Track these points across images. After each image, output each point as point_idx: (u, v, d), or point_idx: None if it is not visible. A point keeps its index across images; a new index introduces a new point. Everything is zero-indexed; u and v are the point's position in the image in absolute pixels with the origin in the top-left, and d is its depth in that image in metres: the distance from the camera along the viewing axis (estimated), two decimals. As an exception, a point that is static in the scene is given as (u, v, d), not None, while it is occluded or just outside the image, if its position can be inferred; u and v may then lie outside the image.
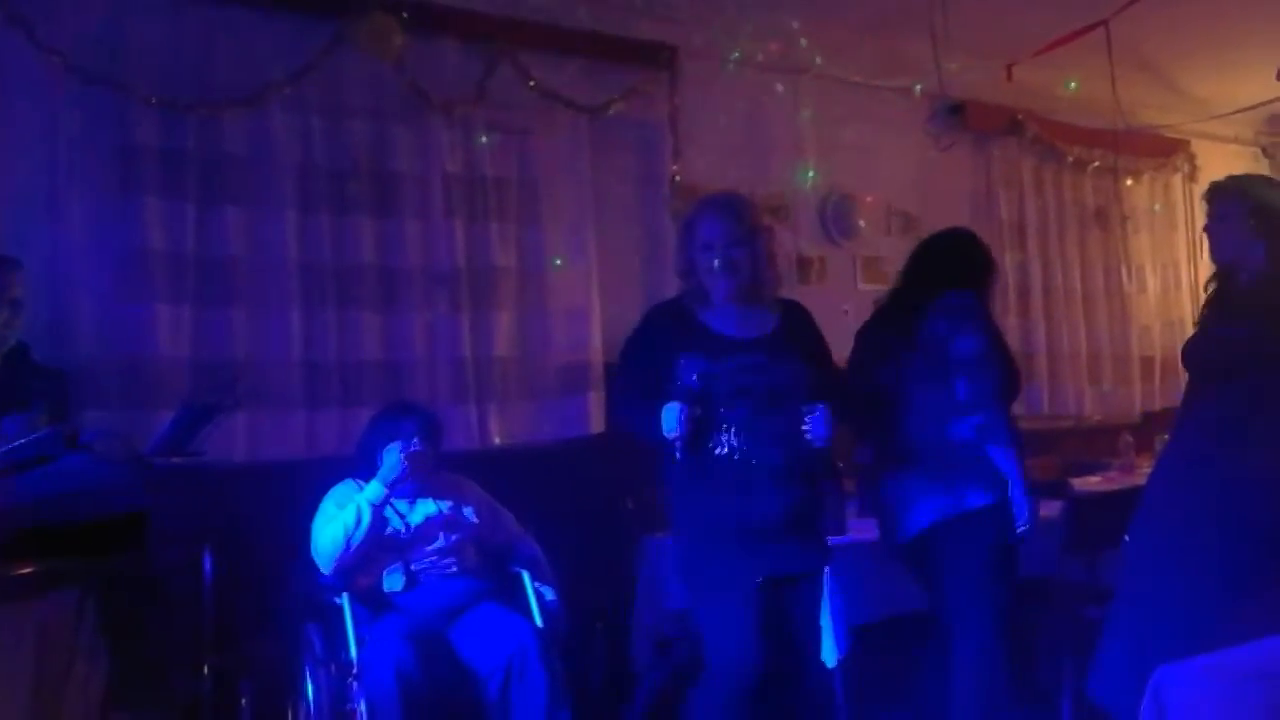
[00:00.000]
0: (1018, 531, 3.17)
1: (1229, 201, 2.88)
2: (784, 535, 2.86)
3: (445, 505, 3.40)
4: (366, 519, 3.17)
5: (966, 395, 3.13)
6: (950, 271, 3.33)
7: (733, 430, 2.83)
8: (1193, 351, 2.90)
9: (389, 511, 3.33)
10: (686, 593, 3.02)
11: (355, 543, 3.17)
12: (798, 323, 3.06)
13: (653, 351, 2.93)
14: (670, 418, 2.77)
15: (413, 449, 3.26)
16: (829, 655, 3.40)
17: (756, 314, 2.98)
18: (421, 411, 3.46)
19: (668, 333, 2.94)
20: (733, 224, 2.94)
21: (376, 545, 3.25)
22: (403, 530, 3.32)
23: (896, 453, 3.25)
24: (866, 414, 3.34)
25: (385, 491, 3.23)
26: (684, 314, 2.98)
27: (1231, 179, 3.06)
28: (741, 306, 2.95)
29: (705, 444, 2.83)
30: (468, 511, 3.43)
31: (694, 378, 2.81)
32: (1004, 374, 3.22)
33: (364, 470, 3.32)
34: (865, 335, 3.46)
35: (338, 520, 3.20)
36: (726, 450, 2.83)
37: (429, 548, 3.32)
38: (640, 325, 3.06)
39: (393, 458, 3.24)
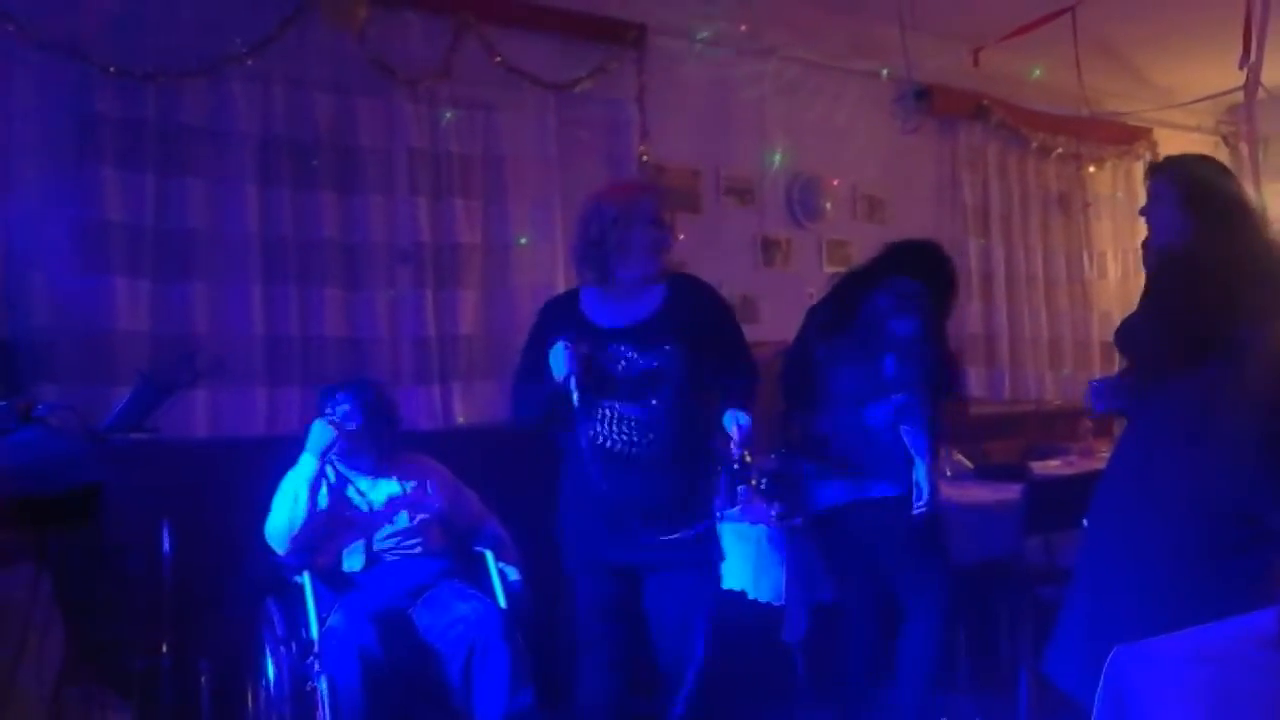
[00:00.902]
0: (913, 512, 3.17)
1: (1163, 183, 2.87)
2: (650, 524, 2.82)
3: (408, 485, 3.38)
4: (304, 497, 3.15)
5: (893, 373, 3.16)
6: (913, 266, 3.34)
7: (604, 419, 2.83)
8: (1119, 334, 2.94)
9: (351, 491, 3.31)
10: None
11: (299, 522, 3.15)
12: (684, 301, 2.96)
13: (543, 345, 2.90)
14: (557, 358, 2.78)
15: (342, 418, 3.24)
16: (789, 635, 3.43)
17: (645, 295, 2.94)
18: (358, 384, 3.42)
19: (553, 325, 2.95)
20: (664, 208, 3.04)
21: (336, 523, 3.24)
22: (365, 509, 3.30)
23: (816, 430, 3.30)
24: (794, 390, 3.39)
25: (317, 463, 3.20)
26: (571, 305, 3.00)
27: (1168, 160, 3.06)
28: (636, 289, 2.93)
29: (583, 426, 2.81)
30: (431, 491, 3.42)
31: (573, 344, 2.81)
32: (934, 366, 3.24)
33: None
34: (812, 311, 3.52)
35: (283, 502, 3.17)
36: (600, 439, 2.83)
37: (392, 528, 3.30)
38: (535, 321, 3.07)
39: (318, 427, 3.22)
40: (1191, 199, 2.77)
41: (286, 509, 3.16)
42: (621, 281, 2.93)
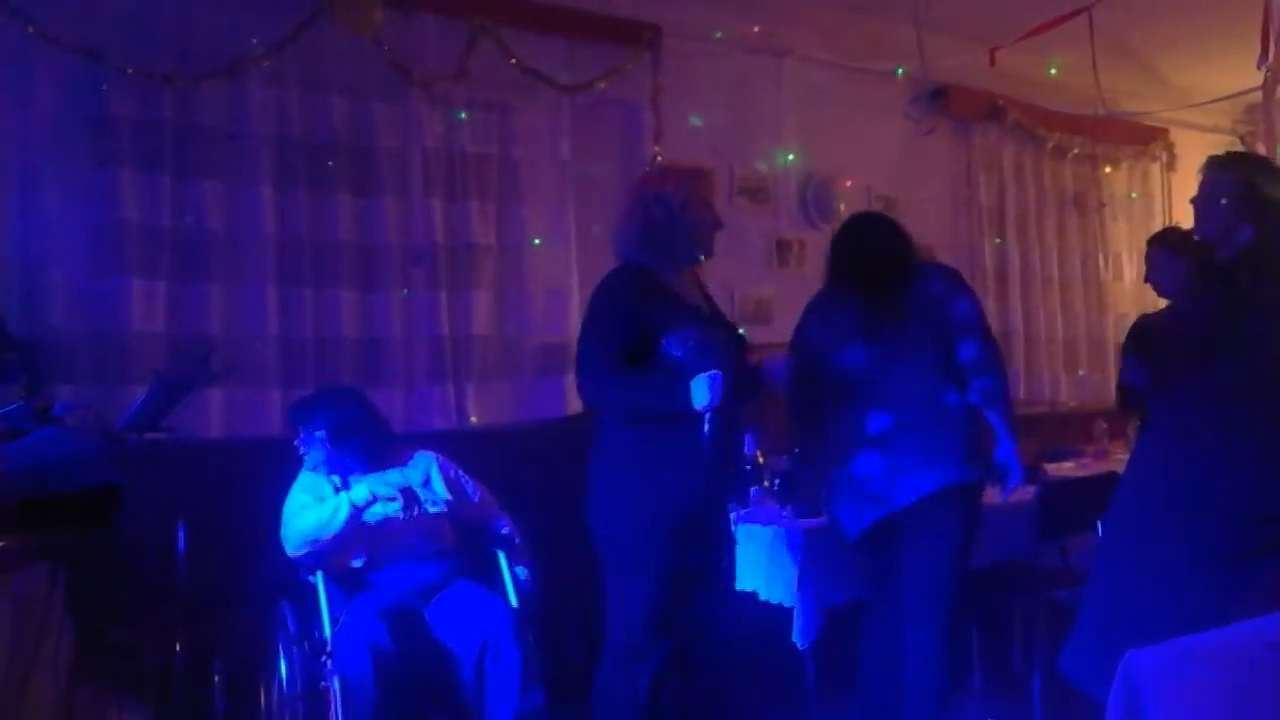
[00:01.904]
0: (1005, 492, 3.19)
1: (1224, 179, 2.85)
2: (725, 513, 2.92)
3: (413, 479, 3.39)
4: (342, 518, 3.15)
5: (976, 356, 3.08)
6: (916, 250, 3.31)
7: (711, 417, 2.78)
8: (1167, 325, 2.92)
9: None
10: (613, 568, 2.93)
11: (327, 538, 3.16)
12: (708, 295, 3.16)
13: (633, 316, 2.83)
14: (702, 390, 2.70)
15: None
16: (799, 637, 3.42)
17: (692, 279, 3.08)
18: (335, 395, 3.47)
19: (645, 298, 2.87)
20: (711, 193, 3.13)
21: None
22: (377, 508, 3.31)
23: (870, 431, 3.14)
24: (813, 401, 3.25)
25: (369, 498, 3.22)
26: (654, 280, 2.92)
27: (1232, 156, 3.04)
28: (687, 274, 3.03)
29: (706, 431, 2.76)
30: (434, 482, 3.42)
31: (685, 349, 2.76)
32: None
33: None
34: (818, 320, 3.31)
35: (312, 512, 3.17)
36: (708, 427, 2.76)
37: (403, 525, 3.30)
38: (617, 292, 2.92)
39: (396, 475, 3.30)
40: (1251, 202, 2.76)
41: (315, 520, 3.16)
42: (682, 265, 3.00)
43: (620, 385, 2.85)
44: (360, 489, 3.23)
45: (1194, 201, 2.93)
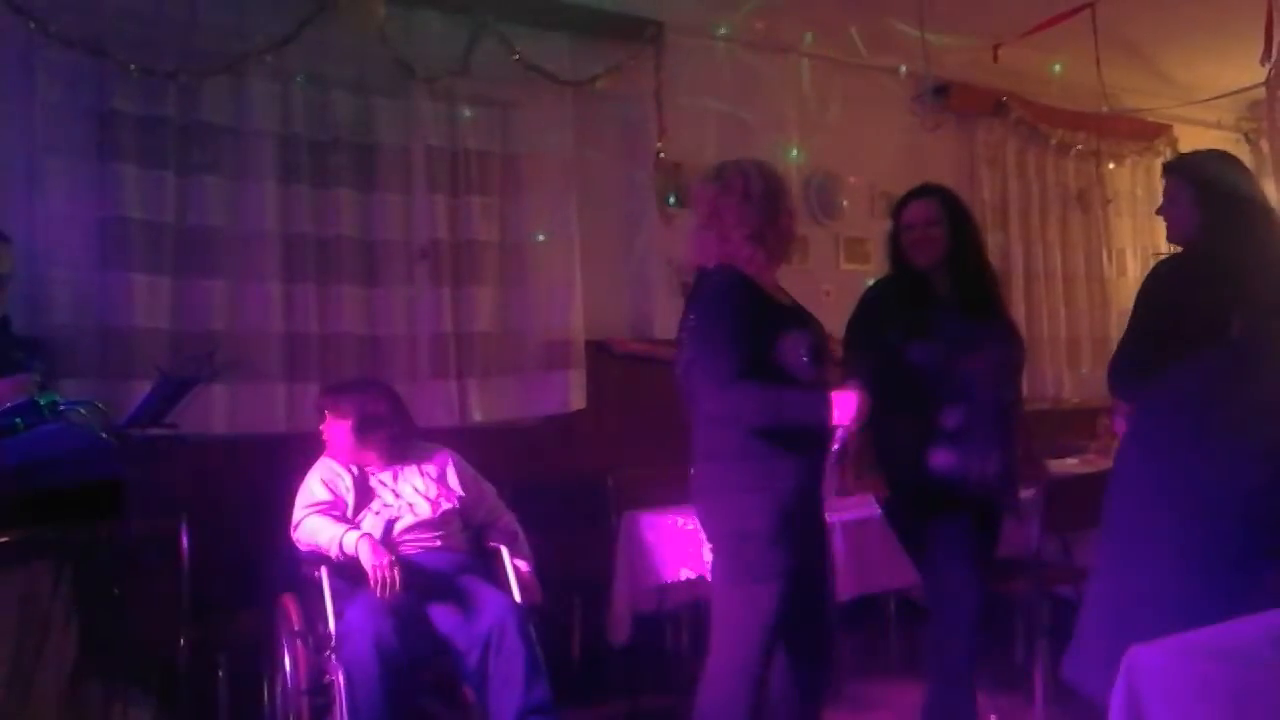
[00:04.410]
0: None
1: (1177, 182, 2.86)
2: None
3: (430, 474, 3.40)
4: (347, 551, 3.13)
5: None
6: None
7: None
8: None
9: (374, 482, 3.33)
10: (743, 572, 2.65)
11: (324, 553, 3.17)
12: None
13: (749, 324, 2.62)
14: (846, 404, 2.54)
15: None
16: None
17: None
18: (366, 387, 3.45)
19: (758, 304, 2.67)
20: None
21: (359, 513, 3.26)
22: (390, 500, 3.32)
23: None
24: None
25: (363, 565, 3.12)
26: (753, 284, 2.69)
27: (1180, 158, 3.05)
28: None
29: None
30: (451, 481, 3.43)
31: (805, 359, 2.61)
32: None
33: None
34: None
35: (324, 528, 3.17)
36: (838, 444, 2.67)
37: (414, 518, 3.30)
38: (732, 296, 2.65)
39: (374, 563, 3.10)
40: (1204, 196, 2.76)
41: (320, 534, 3.16)
42: (776, 265, 2.82)
43: (751, 399, 2.58)
44: (354, 542, 3.12)
45: (1159, 212, 2.93)
